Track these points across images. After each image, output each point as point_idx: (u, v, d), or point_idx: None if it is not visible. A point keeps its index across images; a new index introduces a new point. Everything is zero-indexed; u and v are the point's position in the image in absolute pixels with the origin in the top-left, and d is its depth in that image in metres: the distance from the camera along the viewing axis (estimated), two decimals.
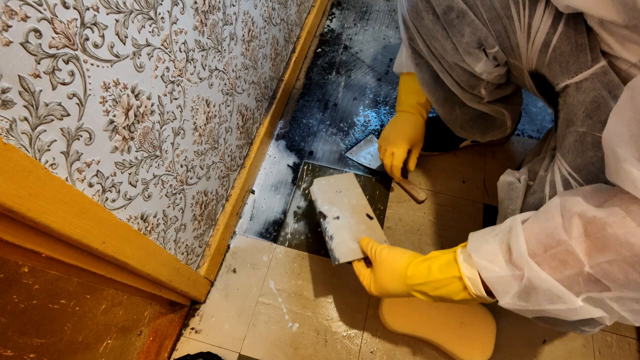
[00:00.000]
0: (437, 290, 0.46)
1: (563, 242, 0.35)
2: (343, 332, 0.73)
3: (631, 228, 0.30)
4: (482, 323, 0.69)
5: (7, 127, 0.29)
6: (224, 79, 0.65)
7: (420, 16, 0.54)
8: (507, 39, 0.50)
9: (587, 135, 0.44)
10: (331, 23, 1.19)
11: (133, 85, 0.42)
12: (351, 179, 0.76)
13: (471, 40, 0.51)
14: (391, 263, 0.53)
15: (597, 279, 0.33)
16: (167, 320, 0.73)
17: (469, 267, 0.43)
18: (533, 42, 0.47)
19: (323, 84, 1.06)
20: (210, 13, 0.56)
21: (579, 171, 0.45)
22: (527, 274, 0.37)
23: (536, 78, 0.51)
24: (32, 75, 0.30)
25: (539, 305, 0.38)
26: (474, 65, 0.55)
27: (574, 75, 0.45)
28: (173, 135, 0.53)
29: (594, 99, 0.43)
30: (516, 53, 0.51)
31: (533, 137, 0.94)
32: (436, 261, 0.47)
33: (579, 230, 0.34)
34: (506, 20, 0.48)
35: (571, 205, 0.36)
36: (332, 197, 0.72)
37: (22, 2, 0.28)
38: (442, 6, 0.50)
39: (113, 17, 0.37)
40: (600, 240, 0.32)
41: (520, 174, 0.56)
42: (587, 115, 0.44)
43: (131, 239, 0.47)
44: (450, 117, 0.75)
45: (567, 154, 0.46)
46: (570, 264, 0.34)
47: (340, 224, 0.67)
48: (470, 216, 0.84)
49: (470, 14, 0.49)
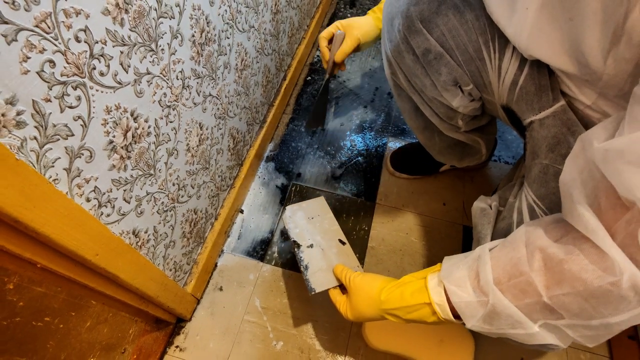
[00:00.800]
0: (409, 314, 0.48)
1: (525, 273, 0.38)
2: (327, 351, 0.74)
3: (584, 265, 0.33)
4: (461, 341, 0.72)
5: (19, 145, 0.33)
6: (217, 104, 0.70)
7: (401, 55, 0.59)
8: (480, 77, 0.56)
9: (549, 167, 0.49)
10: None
11: (132, 109, 0.46)
12: (322, 203, 0.78)
13: (448, 79, 0.57)
14: (365, 289, 0.55)
15: (553, 308, 0.36)
16: (151, 337, 0.74)
17: (438, 293, 0.46)
18: (503, 81, 0.53)
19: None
20: (207, 45, 0.61)
21: (543, 199, 0.49)
22: (492, 300, 0.40)
23: (507, 112, 0.57)
24: (44, 100, 0.34)
25: (502, 329, 0.41)
26: (451, 100, 0.60)
27: (537, 112, 0.50)
28: (167, 155, 0.57)
29: (554, 135, 0.48)
30: (489, 89, 0.57)
31: (509, 163, 1.00)
32: (408, 287, 0.49)
33: (539, 263, 0.38)
34: (479, 62, 0.54)
35: (535, 239, 0.39)
36: (304, 224, 0.74)
37: (41, 37, 0.32)
38: (421, 48, 0.55)
39: (118, 49, 0.41)
40: (557, 275, 0.36)
41: (492, 200, 0.60)
42: (550, 149, 0.49)
43: (123, 253, 0.49)
44: (430, 143, 0.80)
45: (533, 183, 0.51)
46: (530, 293, 0.38)
47: (314, 253, 0.69)
48: (450, 237, 0.88)
49: (447, 56, 0.54)
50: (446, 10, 0.52)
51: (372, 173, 0.99)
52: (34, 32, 0.31)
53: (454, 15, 0.52)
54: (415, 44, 0.56)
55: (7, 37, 0.29)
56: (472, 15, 0.51)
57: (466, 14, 0.51)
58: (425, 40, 0.54)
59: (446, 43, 0.54)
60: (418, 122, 0.75)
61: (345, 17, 1.37)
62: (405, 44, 0.57)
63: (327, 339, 0.75)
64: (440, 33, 0.53)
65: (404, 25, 0.55)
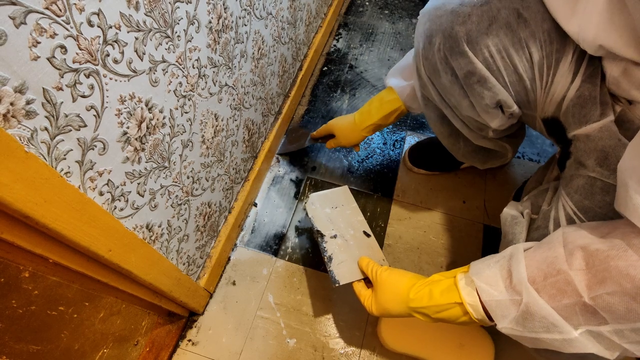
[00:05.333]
0: (438, 313, 0.47)
1: (563, 272, 0.36)
2: (340, 350, 0.72)
3: (633, 261, 0.31)
4: (481, 346, 0.69)
5: (29, 137, 0.31)
6: (233, 95, 0.67)
7: (437, 75, 0.55)
8: (525, 96, 0.52)
9: (597, 180, 0.45)
10: (338, 43, 1.22)
11: (147, 99, 0.44)
12: (346, 192, 0.76)
13: (490, 103, 0.53)
14: (393, 285, 0.53)
15: (594, 310, 0.34)
16: (164, 330, 0.73)
17: (469, 293, 0.44)
18: (552, 97, 0.49)
19: (328, 101, 1.09)
20: (223, 32, 0.58)
21: (586, 212, 0.46)
22: (525, 299, 0.38)
23: (550, 123, 0.53)
24: (55, 88, 0.32)
25: (535, 332, 0.38)
26: (490, 122, 0.56)
27: (585, 124, 0.47)
28: (182, 147, 0.55)
29: (602, 149, 0.45)
30: (532, 106, 0.53)
31: (533, 160, 0.96)
32: (438, 285, 0.48)
33: (580, 262, 0.35)
34: (527, 82, 0.50)
35: (575, 238, 0.37)
36: (328, 214, 0.72)
37: (52, 21, 0.30)
38: (464, 71, 0.51)
39: (133, 35, 0.39)
40: (601, 273, 0.33)
41: (523, 207, 0.57)
42: (598, 163, 0.45)
43: (136, 248, 0.48)
44: (454, 148, 0.77)
45: (575, 194, 0.47)
46: (569, 293, 0.35)
47: (339, 244, 0.67)
48: (470, 236, 0.85)
49: (492, 79, 0.50)
50: (497, 30, 0.48)
51: (389, 168, 0.95)
52: (44, 15, 0.29)
53: (505, 35, 0.48)
54: (456, 65, 0.51)
55: (15, 20, 0.27)
56: (527, 32, 0.47)
57: (519, 32, 0.47)
58: (469, 63, 0.50)
59: (493, 65, 0.49)
60: (443, 129, 0.71)
61: (363, 5, 1.32)
62: (444, 64, 0.53)
63: (341, 337, 0.74)
64: (488, 55, 0.49)
65: (445, 46, 0.51)
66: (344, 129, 0.79)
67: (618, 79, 0.42)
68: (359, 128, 0.77)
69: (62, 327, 0.75)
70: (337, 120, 0.81)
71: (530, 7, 0.47)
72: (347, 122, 0.79)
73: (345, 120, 0.80)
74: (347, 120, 0.79)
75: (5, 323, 0.75)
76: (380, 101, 0.74)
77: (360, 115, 0.77)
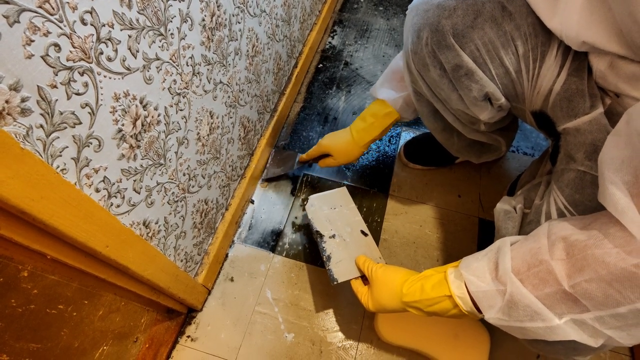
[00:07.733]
0: (430, 307, 0.48)
1: (545, 262, 0.37)
2: (338, 343, 0.73)
3: (608, 249, 0.32)
4: (476, 336, 0.70)
5: (24, 134, 0.31)
6: (228, 92, 0.68)
7: (426, 69, 0.56)
8: (512, 89, 0.52)
9: (586, 174, 0.46)
10: (333, 40, 1.23)
11: (142, 97, 0.44)
12: (344, 194, 0.78)
13: (478, 95, 0.53)
14: (387, 281, 0.55)
15: (575, 298, 0.35)
16: (163, 327, 0.74)
17: (458, 285, 0.45)
18: (539, 89, 0.50)
19: (323, 98, 1.09)
20: (217, 30, 0.58)
21: (576, 206, 0.47)
22: (509, 289, 0.39)
23: (539, 117, 0.54)
24: (49, 86, 0.32)
25: (520, 321, 0.39)
26: (479, 114, 0.57)
27: (574, 118, 0.47)
28: (177, 145, 0.55)
29: (592, 142, 0.46)
30: (520, 99, 0.54)
31: (527, 154, 0.97)
32: (429, 280, 0.49)
33: (560, 252, 0.36)
34: (514, 74, 0.50)
35: (558, 230, 0.38)
36: (327, 215, 0.74)
37: (45, 19, 0.30)
38: (451, 64, 0.52)
39: (126, 33, 0.40)
40: (579, 262, 0.34)
41: (516, 202, 0.58)
42: (587, 157, 0.46)
43: (133, 244, 0.48)
44: (448, 143, 0.77)
45: (565, 188, 0.48)
46: (550, 282, 0.36)
47: (337, 243, 0.69)
48: (466, 230, 0.86)
49: (479, 72, 0.51)
50: (482, 24, 0.48)
51: (385, 164, 0.96)
52: (37, 14, 0.30)
53: (490, 29, 0.48)
54: (444, 59, 0.52)
55: (9, 19, 0.28)
56: (512, 25, 0.48)
57: (504, 25, 0.48)
58: (457, 56, 0.51)
59: (479, 58, 0.50)
60: (437, 124, 0.72)
61: (358, 2, 1.33)
62: (433, 58, 0.54)
63: (338, 331, 0.74)
64: (474, 48, 0.50)
65: (432, 40, 0.52)
66: (342, 148, 0.78)
67: (605, 73, 0.43)
68: (359, 145, 0.77)
69: (61, 325, 0.76)
70: (331, 140, 0.80)
71: (514, 0, 0.47)
72: (345, 141, 0.78)
73: (341, 140, 0.78)
74: (343, 140, 0.78)
75: (5, 322, 0.76)
76: (374, 116, 0.74)
77: (357, 132, 0.76)
